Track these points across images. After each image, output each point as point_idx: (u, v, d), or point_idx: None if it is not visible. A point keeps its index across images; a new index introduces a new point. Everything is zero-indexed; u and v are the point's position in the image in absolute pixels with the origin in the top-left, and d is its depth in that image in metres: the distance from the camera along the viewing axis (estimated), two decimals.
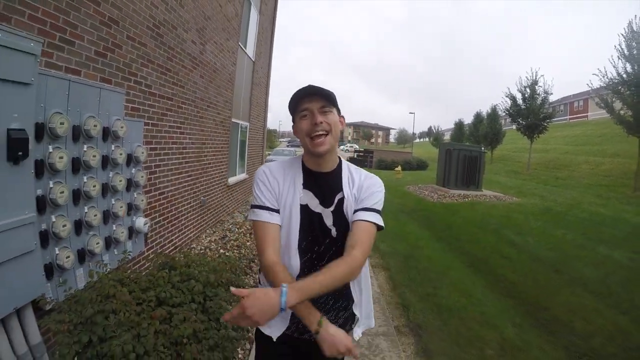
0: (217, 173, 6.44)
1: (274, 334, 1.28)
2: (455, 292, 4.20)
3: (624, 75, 14.59)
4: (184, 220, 4.95)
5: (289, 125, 1.39)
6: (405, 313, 3.65)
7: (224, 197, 7.10)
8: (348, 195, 1.25)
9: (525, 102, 22.61)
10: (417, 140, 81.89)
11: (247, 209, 8.01)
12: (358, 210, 1.22)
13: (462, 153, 13.02)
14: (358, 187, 1.27)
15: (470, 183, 12.91)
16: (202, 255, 3.26)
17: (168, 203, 4.37)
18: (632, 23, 14.40)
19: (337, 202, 1.26)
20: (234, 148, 7.92)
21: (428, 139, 73.36)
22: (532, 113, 21.94)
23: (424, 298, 4.00)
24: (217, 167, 6.41)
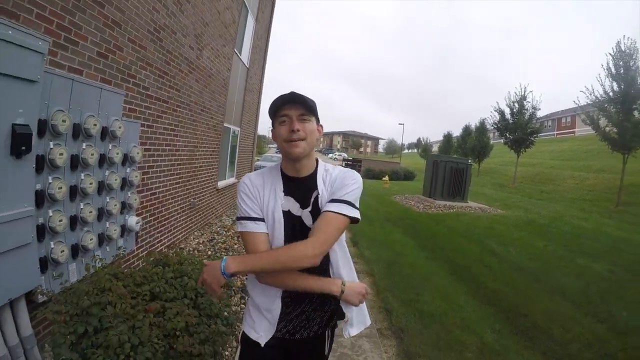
0: (207, 176, 6.50)
1: (262, 340, 1.30)
2: (437, 298, 4.31)
3: (611, 94, 15.23)
4: (173, 222, 5.00)
5: None
6: (388, 317, 3.74)
7: (213, 200, 7.15)
8: (322, 192, 1.28)
9: (514, 116, 23.14)
10: (405, 151, 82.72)
11: (235, 213, 8.05)
12: (327, 202, 1.24)
13: (449, 165, 13.27)
14: (331, 181, 1.29)
15: (456, 194, 13.13)
16: (192, 255, 3.32)
17: (159, 203, 4.42)
18: (620, 43, 15.05)
19: (313, 201, 1.28)
20: (225, 152, 7.98)
21: (416, 150, 74.21)
22: (519, 127, 22.46)
23: (407, 303, 4.10)
24: (207, 170, 6.47)
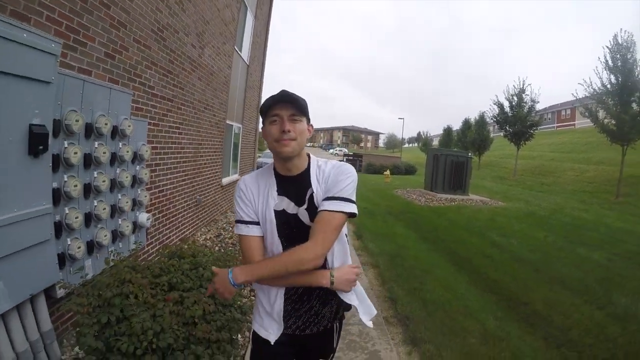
0: (211, 173, 6.58)
1: (271, 337, 1.33)
2: (441, 287, 4.40)
3: (608, 86, 15.26)
4: (181, 218, 5.08)
5: None
6: (394, 305, 3.84)
7: (218, 196, 7.23)
8: (317, 189, 1.28)
9: (513, 109, 23.17)
10: (406, 146, 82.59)
11: None
12: (323, 201, 1.24)
13: (449, 158, 13.35)
14: (325, 178, 1.29)
15: (457, 188, 13.23)
16: (204, 248, 3.42)
17: (167, 200, 4.51)
18: (617, 36, 15.06)
19: (308, 198, 1.28)
20: (228, 149, 8.06)
21: (417, 144, 74.26)
22: (519, 120, 22.50)
23: (411, 292, 4.20)
24: (211, 167, 6.55)
